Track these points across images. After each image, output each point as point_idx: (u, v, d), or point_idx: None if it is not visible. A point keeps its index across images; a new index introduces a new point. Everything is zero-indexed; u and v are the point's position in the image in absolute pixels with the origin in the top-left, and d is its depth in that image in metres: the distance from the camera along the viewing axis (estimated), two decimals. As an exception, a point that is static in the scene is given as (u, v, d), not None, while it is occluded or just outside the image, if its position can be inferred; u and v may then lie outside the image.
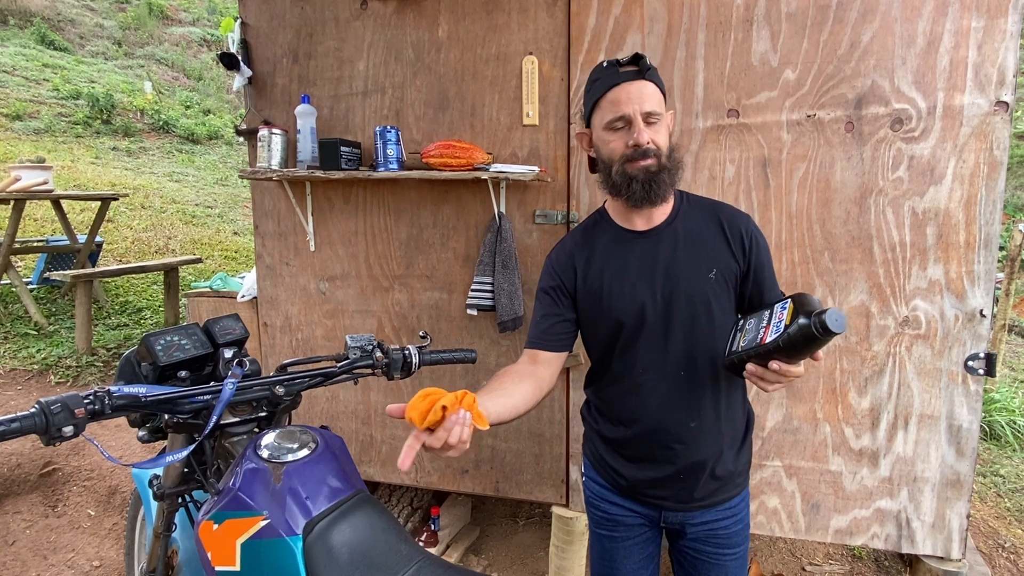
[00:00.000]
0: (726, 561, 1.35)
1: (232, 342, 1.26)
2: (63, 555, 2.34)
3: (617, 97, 1.22)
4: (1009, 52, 1.69)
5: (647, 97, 1.21)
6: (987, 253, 1.78)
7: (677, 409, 1.28)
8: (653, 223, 1.31)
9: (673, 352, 1.27)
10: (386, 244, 2.30)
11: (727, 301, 1.28)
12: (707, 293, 1.25)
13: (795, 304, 1.03)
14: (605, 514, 1.42)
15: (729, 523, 1.35)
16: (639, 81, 1.21)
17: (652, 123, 1.22)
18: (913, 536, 1.94)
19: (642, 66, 1.22)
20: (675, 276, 1.26)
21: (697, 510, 1.33)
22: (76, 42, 11.71)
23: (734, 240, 1.28)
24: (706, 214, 1.31)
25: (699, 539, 1.35)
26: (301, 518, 0.98)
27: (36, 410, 0.89)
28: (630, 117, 1.21)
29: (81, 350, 3.47)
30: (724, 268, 1.27)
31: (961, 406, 1.86)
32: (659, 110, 1.22)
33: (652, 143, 1.21)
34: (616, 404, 1.36)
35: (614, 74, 1.23)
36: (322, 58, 2.28)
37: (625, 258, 1.31)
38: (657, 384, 1.29)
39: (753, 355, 1.07)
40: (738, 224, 1.29)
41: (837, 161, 1.84)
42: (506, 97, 2.11)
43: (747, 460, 1.38)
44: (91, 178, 6.72)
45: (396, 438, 2.40)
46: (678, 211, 1.32)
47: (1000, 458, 3.93)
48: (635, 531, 1.40)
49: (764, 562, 2.56)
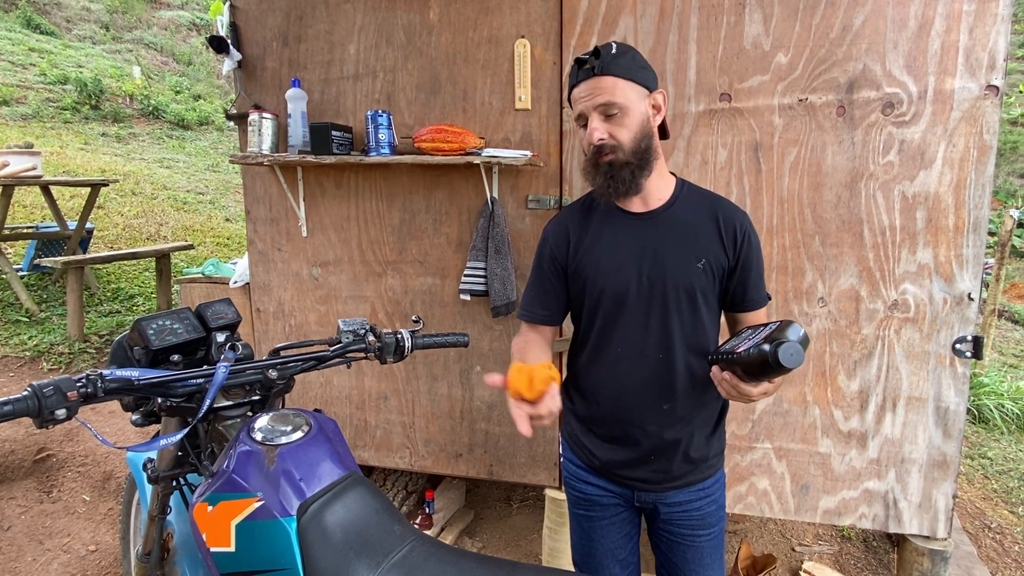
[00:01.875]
0: (701, 542, 1.38)
1: (224, 326, 1.26)
2: (58, 540, 2.35)
3: (576, 95, 1.26)
4: (1000, 36, 1.70)
5: (600, 91, 1.22)
6: (976, 237, 1.80)
7: (651, 390, 1.31)
8: (649, 206, 1.32)
9: (652, 334, 1.29)
10: (379, 229, 2.30)
11: (712, 292, 1.30)
12: (692, 281, 1.27)
13: (776, 328, 1.04)
14: (582, 494, 1.44)
15: (703, 504, 1.37)
16: (593, 79, 1.22)
17: (612, 115, 1.22)
18: (900, 516, 1.97)
19: (600, 60, 1.22)
20: (663, 261, 1.28)
21: (670, 491, 1.36)
22: (63, 26, 11.53)
23: (727, 234, 1.29)
24: (703, 205, 1.32)
25: (673, 520, 1.38)
26: (295, 499, 0.99)
27: (29, 393, 0.89)
28: (586, 115, 1.25)
29: (73, 337, 3.45)
30: (713, 260, 1.28)
31: (948, 388, 1.88)
32: (618, 101, 1.21)
33: (610, 137, 1.23)
34: (592, 380, 1.38)
35: (575, 72, 1.27)
36: (312, 41, 2.26)
37: (617, 237, 1.32)
38: (634, 364, 1.31)
39: (721, 360, 1.11)
40: (734, 219, 1.30)
41: (828, 145, 1.85)
42: (498, 81, 2.10)
43: (720, 444, 1.41)
44: (80, 164, 6.65)
45: (390, 423, 2.41)
46: (676, 198, 1.33)
47: (988, 441, 3.99)
48: (611, 511, 1.42)
49: (755, 543, 2.60)
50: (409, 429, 2.40)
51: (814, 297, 1.92)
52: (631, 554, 1.46)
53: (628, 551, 1.45)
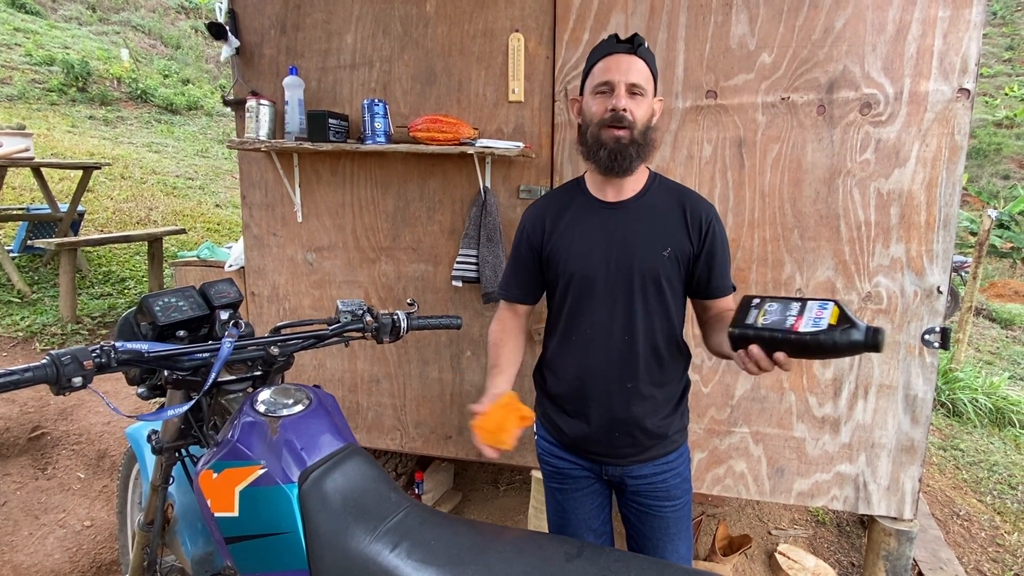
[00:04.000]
0: (666, 512, 1.46)
1: (227, 304, 1.32)
2: (54, 515, 2.40)
3: (607, 66, 1.32)
4: (972, 42, 1.78)
5: (635, 71, 1.30)
6: (946, 233, 1.88)
7: (616, 370, 1.39)
8: (622, 196, 1.40)
9: (618, 318, 1.37)
10: (373, 216, 2.35)
11: (677, 280, 1.38)
12: (658, 269, 1.35)
13: (840, 309, 1.04)
14: (554, 468, 1.53)
15: (667, 476, 1.45)
16: (630, 56, 1.30)
17: (635, 95, 1.31)
18: (870, 498, 2.06)
19: (636, 43, 1.31)
20: (631, 249, 1.36)
21: (634, 464, 1.44)
22: (48, 6, 11.35)
23: (692, 224, 1.37)
24: (672, 196, 1.40)
25: (639, 492, 1.46)
26: (296, 468, 1.05)
27: (47, 361, 0.94)
28: (614, 84, 1.30)
29: (66, 318, 3.47)
30: (678, 248, 1.36)
31: (917, 377, 1.97)
32: (645, 85, 1.31)
33: (630, 113, 1.30)
34: (562, 360, 1.46)
35: (610, 46, 1.33)
36: (310, 30, 2.30)
37: (589, 224, 1.40)
38: (601, 345, 1.39)
39: (768, 337, 1.06)
40: (699, 210, 1.38)
41: (808, 143, 1.92)
42: (492, 73, 2.15)
43: (683, 421, 1.49)
44: (68, 147, 6.60)
45: (381, 405, 2.47)
46: (647, 189, 1.41)
47: (961, 433, 4.12)
48: (582, 483, 1.50)
49: (733, 526, 2.70)
50: (400, 412, 2.46)
51: (792, 288, 2.00)
52: (603, 524, 1.55)
53: (600, 521, 1.54)
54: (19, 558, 2.21)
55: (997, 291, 9.34)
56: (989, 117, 17.32)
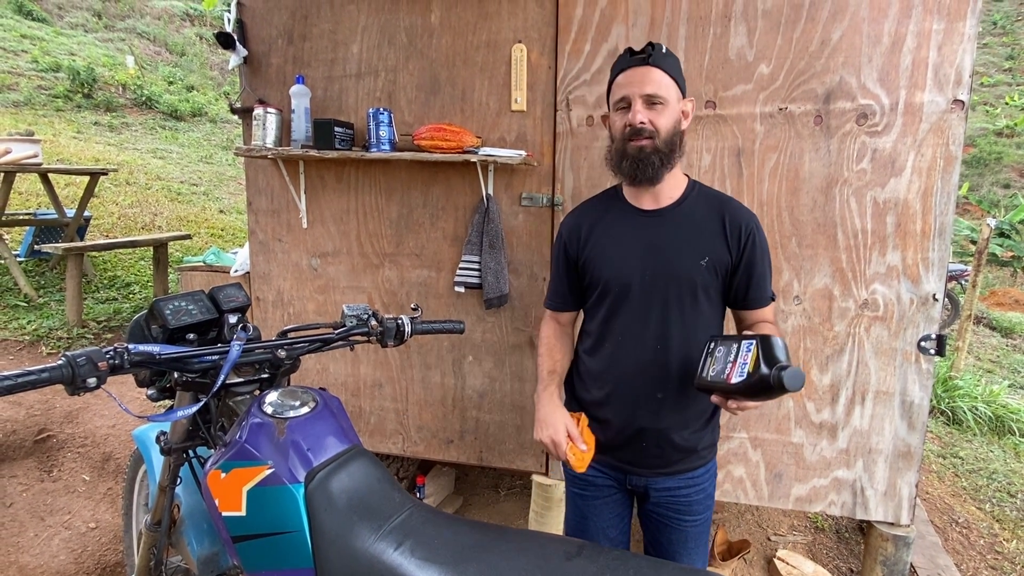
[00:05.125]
0: (686, 527, 1.46)
1: (236, 308, 1.35)
2: (59, 517, 2.42)
3: (623, 81, 1.34)
4: (966, 54, 1.81)
5: (650, 81, 1.31)
6: (941, 241, 1.91)
7: (647, 379, 1.38)
8: (659, 204, 1.40)
9: (652, 326, 1.37)
10: (377, 223, 2.39)
11: (715, 290, 1.37)
12: (695, 279, 1.34)
13: (761, 349, 1.10)
14: (578, 474, 1.52)
15: (691, 492, 1.44)
16: (644, 67, 1.32)
17: (654, 104, 1.32)
18: (867, 503, 2.08)
19: (651, 53, 1.32)
20: (667, 257, 1.35)
21: (660, 476, 1.43)
22: (55, 13, 11.46)
23: (732, 233, 1.36)
24: (712, 205, 1.40)
25: (662, 504, 1.45)
26: (302, 468, 1.08)
27: (63, 362, 0.97)
28: (630, 99, 1.32)
29: (72, 322, 3.51)
30: (716, 258, 1.35)
31: (914, 383, 2.00)
32: (662, 94, 1.31)
33: (649, 124, 1.31)
34: (594, 366, 1.46)
35: (624, 60, 1.36)
36: (317, 40, 2.34)
37: (625, 232, 1.41)
38: (632, 352, 1.39)
39: (718, 389, 1.18)
40: (739, 219, 1.37)
41: (806, 152, 1.96)
42: (495, 83, 2.19)
43: (712, 436, 1.48)
44: (74, 152, 6.66)
45: (384, 409, 2.50)
46: (686, 197, 1.41)
47: (961, 441, 4.13)
48: (605, 491, 1.50)
49: (732, 532, 2.71)
50: (402, 416, 2.49)
51: (790, 295, 2.03)
52: (621, 534, 1.55)
53: (619, 531, 1.54)
54: (25, 559, 2.24)
55: (997, 300, 9.36)
56: (990, 126, 17.37)
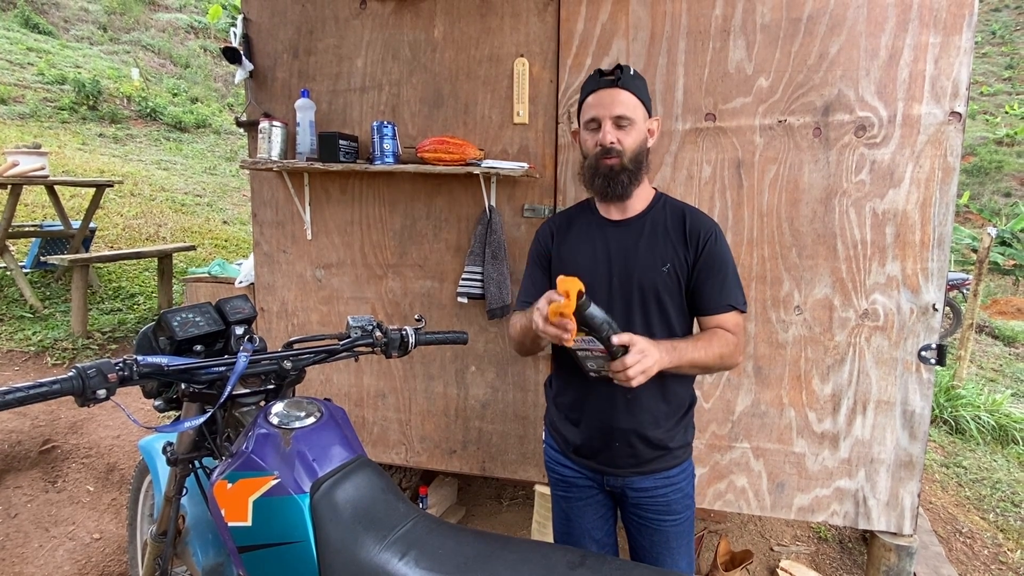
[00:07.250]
0: (667, 527, 1.49)
1: (242, 320, 1.36)
2: (64, 528, 2.43)
3: (593, 102, 1.40)
4: (963, 67, 1.83)
5: (619, 103, 1.37)
6: (940, 252, 1.93)
7: None
8: (627, 215, 1.47)
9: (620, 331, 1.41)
10: (381, 234, 2.41)
11: (677, 294, 1.43)
12: (657, 284, 1.40)
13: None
14: (559, 476, 1.57)
15: (668, 491, 1.48)
16: (614, 89, 1.38)
17: (622, 126, 1.38)
18: (869, 513, 2.08)
19: (620, 76, 1.38)
20: (632, 265, 1.42)
21: (635, 476, 1.47)
22: (60, 26, 11.58)
23: (691, 239, 1.42)
24: (675, 214, 1.46)
25: (640, 505, 1.49)
26: (308, 478, 1.09)
27: (74, 374, 0.99)
28: (600, 120, 1.38)
29: (77, 333, 3.53)
30: (678, 264, 1.41)
31: (915, 393, 2.00)
32: (630, 115, 1.38)
33: (618, 143, 1.37)
34: (567, 370, 1.50)
35: (595, 82, 1.41)
36: (322, 54, 2.37)
37: (594, 241, 1.47)
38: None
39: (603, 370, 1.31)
40: (699, 226, 1.43)
41: (805, 164, 1.98)
42: (498, 97, 2.22)
43: (686, 436, 1.51)
44: (79, 164, 6.71)
45: (387, 419, 2.51)
46: (652, 208, 1.47)
47: (964, 451, 4.11)
48: (586, 492, 1.54)
49: (735, 542, 2.71)
50: (405, 426, 2.50)
51: (791, 305, 2.04)
52: (606, 535, 1.58)
53: (604, 532, 1.57)
54: (29, 570, 2.24)
55: (1000, 308, 9.35)
56: (990, 135, 17.43)
